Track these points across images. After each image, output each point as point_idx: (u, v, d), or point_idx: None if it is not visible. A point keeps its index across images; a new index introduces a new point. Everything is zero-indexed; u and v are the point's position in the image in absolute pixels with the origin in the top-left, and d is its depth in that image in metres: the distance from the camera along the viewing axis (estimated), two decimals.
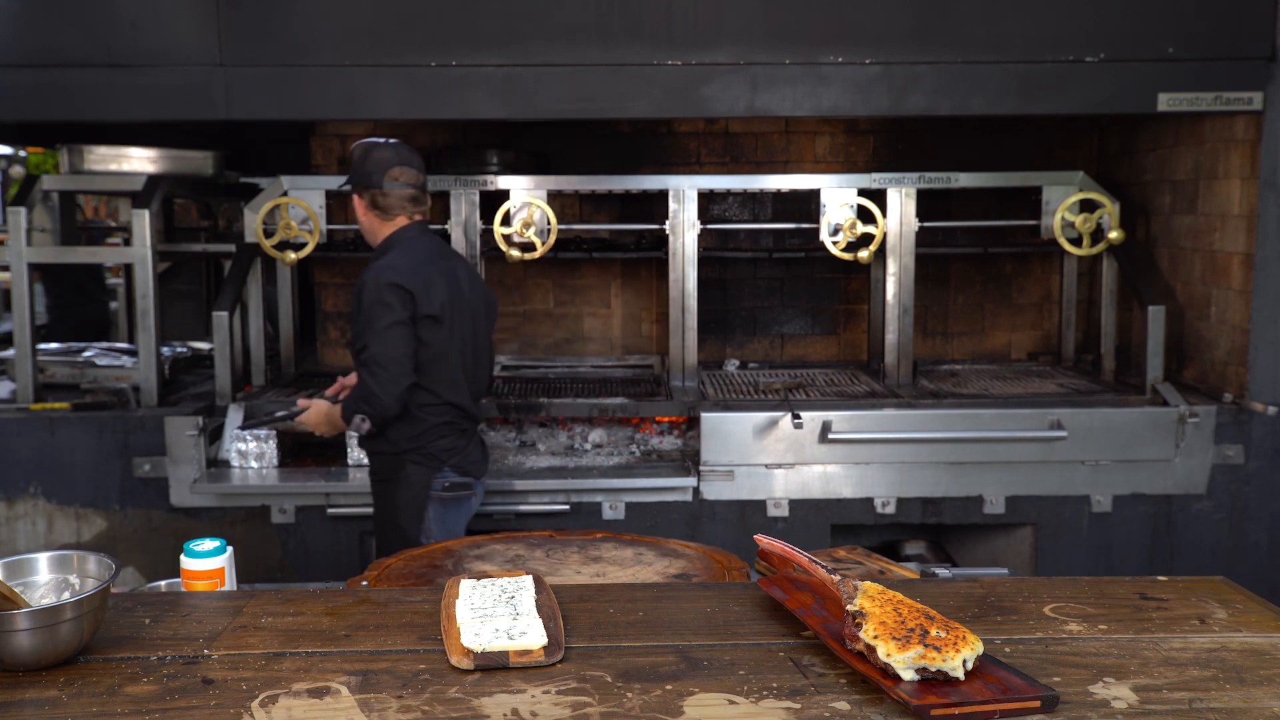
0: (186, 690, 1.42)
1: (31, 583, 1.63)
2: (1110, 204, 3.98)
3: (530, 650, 1.50)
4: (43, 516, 3.79)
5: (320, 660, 1.52)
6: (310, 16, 3.66)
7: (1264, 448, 3.76)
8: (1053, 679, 1.44)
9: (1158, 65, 3.68)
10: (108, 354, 4.41)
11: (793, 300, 4.95)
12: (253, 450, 3.67)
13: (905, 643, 1.39)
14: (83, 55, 3.63)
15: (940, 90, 3.70)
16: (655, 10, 3.64)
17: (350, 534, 3.71)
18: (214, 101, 3.66)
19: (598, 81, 3.66)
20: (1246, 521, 3.79)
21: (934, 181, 4.05)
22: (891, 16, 3.68)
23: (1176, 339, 4.20)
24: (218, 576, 1.92)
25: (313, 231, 3.96)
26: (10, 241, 3.91)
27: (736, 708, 1.37)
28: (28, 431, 3.78)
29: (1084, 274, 4.71)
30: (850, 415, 3.74)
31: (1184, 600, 1.74)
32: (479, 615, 1.61)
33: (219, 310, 3.91)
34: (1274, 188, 3.66)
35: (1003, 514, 3.77)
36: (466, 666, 1.47)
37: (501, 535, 2.39)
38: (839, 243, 3.99)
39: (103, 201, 8.74)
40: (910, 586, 1.83)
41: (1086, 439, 3.71)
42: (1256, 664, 1.50)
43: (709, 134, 4.82)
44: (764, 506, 3.73)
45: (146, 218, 3.93)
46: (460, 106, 3.70)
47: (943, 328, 4.99)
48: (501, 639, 1.52)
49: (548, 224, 3.94)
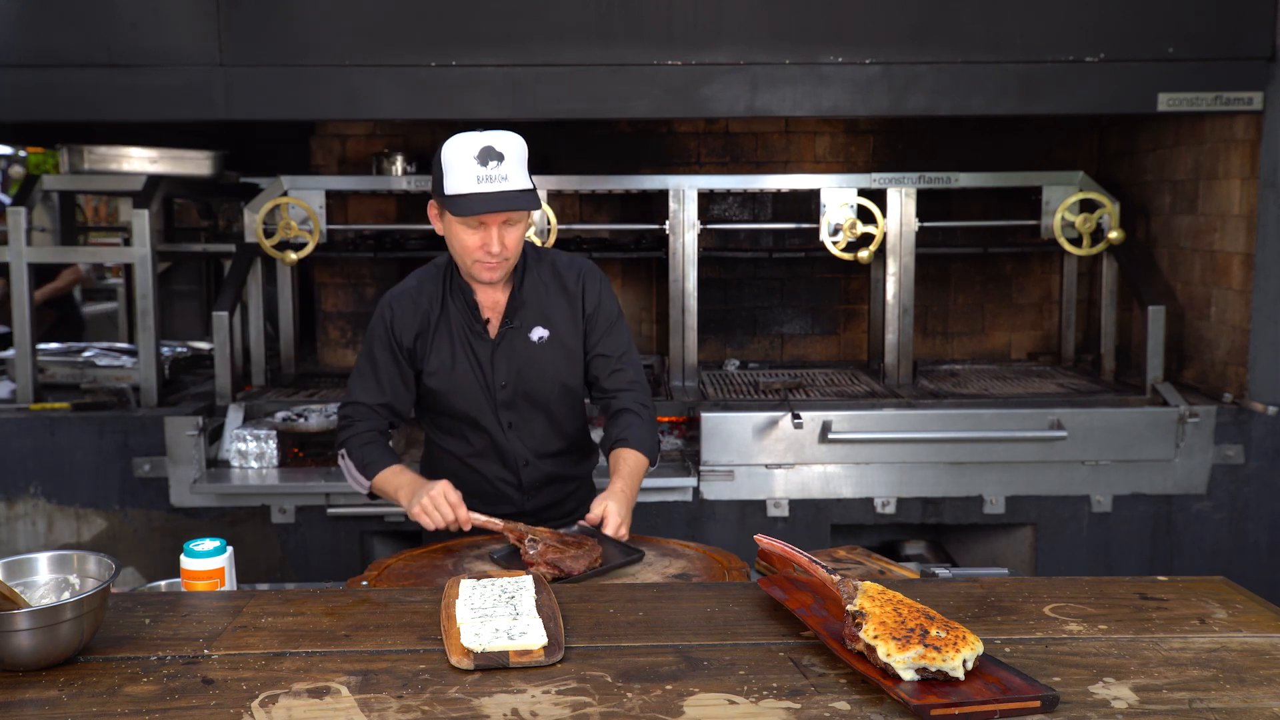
0: (186, 690, 1.42)
1: (31, 583, 1.63)
2: (1110, 204, 3.98)
3: (530, 650, 1.51)
4: (43, 516, 3.79)
5: (320, 660, 1.52)
6: (310, 16, 3.66)
7: (1264, 448, 3.76)
8: (1053, 679, 1.44)
9: (1158, 65, 3.68)
10: (108, 354, 4.41)
11: (793, 300, 4.95)
12: (253, 450, 3.66)
13: (905, 643, 1.39)
14: (83, 55, 3.63)
15: (940, 90, 3.70)
16: (655, 10, 3.64)
17: (350, 534, 3.71)
18: (214, 101, 3.66)
19: (598, 81, 3.66)
20: (1246, 521, 3.79)
21: (934, 181, 4.05)
22: (891, 16, 3.68)
23: (1176, 339, 4.20)
24: (218, 576, 1.92)
25: (313, 231, 3.96)
26: (10, 241, 3.91)
27: (736, 708, 1.37)
28: (28, 431, 3.78)
29: (1084, 274, 4.71)
30: (850, 415, 3.74)
31: (1184, 600, 1.74)
32: (479, 615, 1.61)
33: (219, 310, 3.91)
34: (1274, 188, 3.66)
35: (1003, 514, 3.77)
36: (466, 666, 1.48)
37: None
38: (839, 243, 3.99)
39: (103, 201, 8.75)
40: (910, 586, 1.84)
41: (1086, 439, 3.71)
42: (1256, 664, 1.50)
43: (709, 134, 4.82)
44: (764, 506, 3.73)
45: (146, 218, 3.93)
46: (460, 106, 3.70)
47: (943, 328, 4.99)
48: (501, 639, 1.52)
49: (548, 224, 3.94)
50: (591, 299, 2.39)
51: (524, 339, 2.36)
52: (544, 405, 2.41)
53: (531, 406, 2.40)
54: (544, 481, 2.46)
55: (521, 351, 2.36)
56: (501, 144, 2.18)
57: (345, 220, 4.66)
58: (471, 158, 2.16)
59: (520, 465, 2.43)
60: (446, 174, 2.20)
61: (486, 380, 2.37)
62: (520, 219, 2.25)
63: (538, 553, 2.06)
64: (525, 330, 2.36)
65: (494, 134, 2.20)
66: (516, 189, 2.18)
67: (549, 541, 2.09)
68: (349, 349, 4.90)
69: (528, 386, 2.38)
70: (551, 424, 2.44)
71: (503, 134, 2.21)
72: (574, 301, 2.39)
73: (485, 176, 2.16)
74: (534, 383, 2.38)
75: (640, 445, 2.36)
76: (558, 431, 2.45)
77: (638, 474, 2.34)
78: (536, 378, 2.37)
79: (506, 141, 2.19)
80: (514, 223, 2.23)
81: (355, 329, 4.89)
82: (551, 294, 2.38)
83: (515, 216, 2.22)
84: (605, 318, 2.40)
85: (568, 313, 2.38)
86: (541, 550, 2.06)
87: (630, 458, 2.34)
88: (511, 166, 2.18)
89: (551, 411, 2.42)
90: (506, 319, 2.35)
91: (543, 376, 2.37)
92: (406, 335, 2.37)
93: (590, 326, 2.40)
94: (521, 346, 2.36)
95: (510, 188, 2.17)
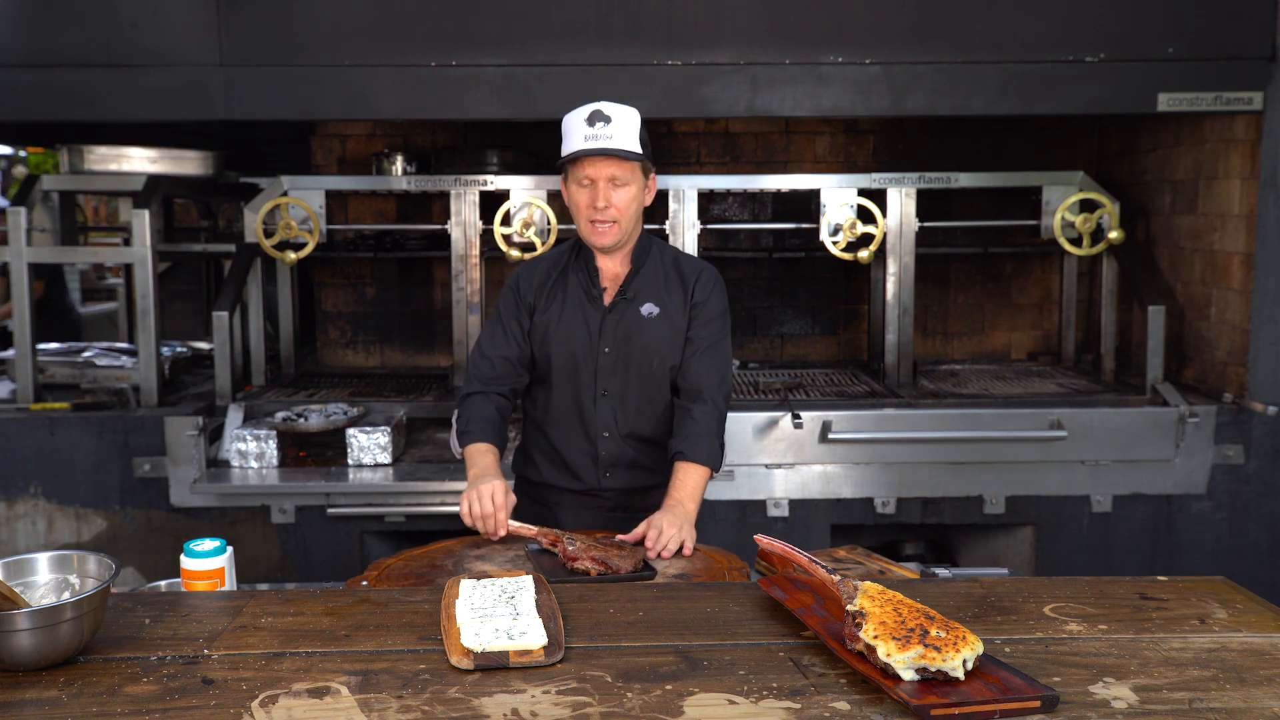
0: (186, 690, 1.42)
1: (31, 583, 1.63)
2: (1110, 204, 3.98)
3: (530, 650, 1.51)
4: (43, 516, 3.79)
5: (320, 660, 1.52)
6: (310, 16, 3.66)
7: (1264, 448, 3.76)
8: (1053, 679, 1.44)
9: (1158, 65, 3.68)
10: (108, 354, 4.41)
11: (793, 300, 4.95)
12: (253, 450, 3.66)
13: (905, 643, 1.39)
14: (82, 55, 3.63)
15: (940, 90, 3.70)
16: (655, 10, 3.64)
17: (350, 534, 3.71)
18: (214, 101, 3.66)
19: (598, 81, 3.66)
20: (1246, 521, 3.79)
21: (934, 181, 4.05)
22: (891, 16, 3.68)
23: (1176, 339, 4.20)
24: (218, 576, 1.92)
25: (313, 231, 3.96)
26: (10, 241, 3.91)
27: (736, 708, 1.37)
28: (28, 431, 3.78)
29: (1084, 274, 4.71)
30: (850, 415, 3.74)
31: (1184, 600, 1.74)
32: (479, 615, 1.61)
33: (219, 310, 3.91)
34: (1274, 188, 3.66)
35: (1003, 514, 3.77)
36: (466, 666, 1.48)
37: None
38: (839, 243, 3.99)
39: (103, 201, 8.75)
40: (910, 586, 1.84)
41: (1086, 439, 3.71)
42: (1256, 664, 1.50)
43: (709, 134, 4.82)
44: (764, 506, 3.73)
45: (146, 218, 3.93)
46: (460, 106, 3.70)
47: (943, 328, 4.99)
48: (501, 639, 1.52)
49: (548, 224, 3.94)
50: (702, 291, 2.47)
51: (635, 311, 2.45)
52: (642, 380, 2.46)
53: (629, 379, 2.46)
54: (622, 461, 2.49)
55: (631, 322, 2.44)
56: (610, 109, 2.32)
57: (345, 220, 4.67)
58: (581, 120, 2.32)
59: (600, 436, 2.47)
60: (564, 140, 2.35)
61: (592, 342, 2.45)
62: (628, 180, 2.35)
63: (579, 548, 2.06)
64: (638, 304, 2.45)
65: (605, 103, 2.34)
66: (621, 147, 2.30)
67: (589, 541, 2.10)
68: (349, 349, 4.90)
69: (631, 357, 2.44)
70: (643, 403, 2.48)
71: (615, 104, 2.34)
72: (687, 290, 2.47)
73: (592, 135, 2.30)
74: (637, 354, 2.44)
75: (697, 456, 2.37)
76: (648, 412, 2.48)
77: (694, 489, 2.36)
78: (641, 350, 2.44)
79: (615, 109, 2.33)
80: (621, 183, 2.34)
81: (355, 329, 4.89)
82: (669, 280, 2.48)
83: (622, 176, 2.34)
84: (709, 311, 2.47)
85: (680, 298, 2.47)
86: (583, 547, 2.07)
87: (686, 474, 2.36)
88: (618, 128, 2.31)
89: (647, 389, 2.47)
90: (621, 291, 2.45)
91: (647, 349, 2.44)
92: (529, 292, 2.49)
93: (694, 315, 2.47)
94: (632, 317, 2.44)
95: (615, 145, 2.30)
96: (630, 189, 2.36)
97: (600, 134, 2.30)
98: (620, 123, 2.32)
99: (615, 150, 2.30)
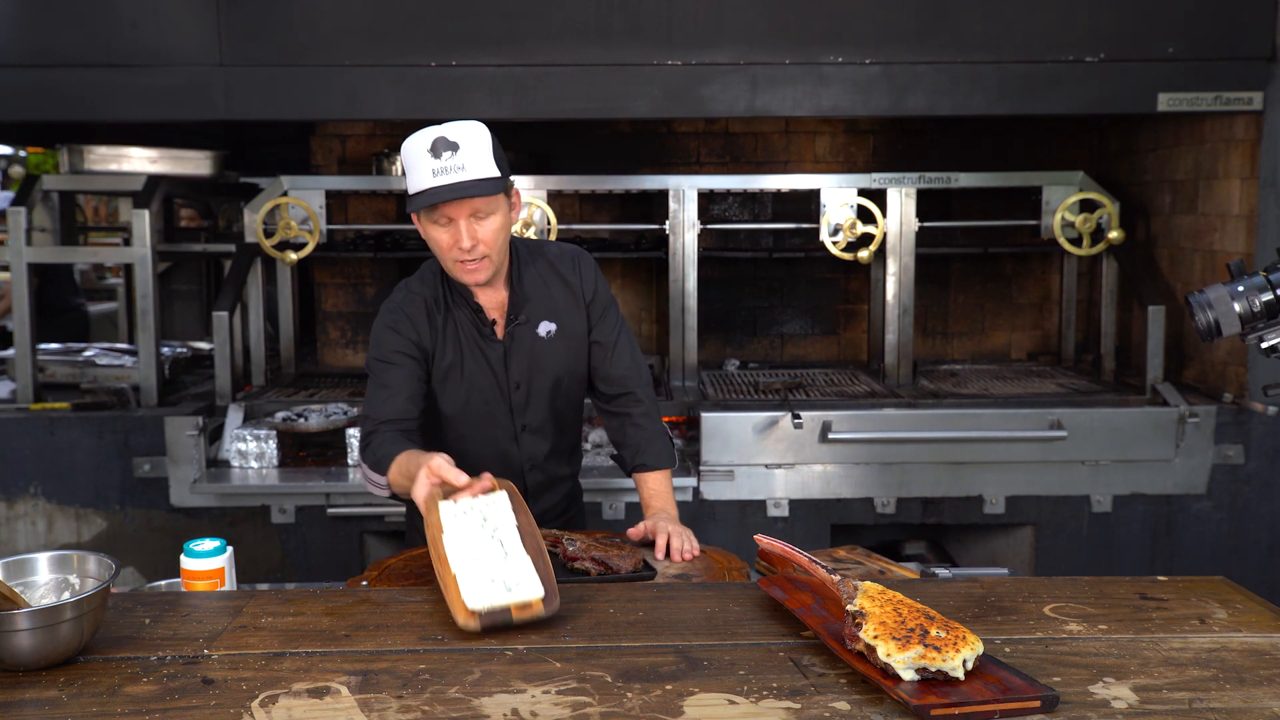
0: (186, 690, 1.42)
1: (31, 583, 1.63)
2: (1110, 204, 3.98)
3: (530, 603, 1.62)
4: (43, 516, 3.79)
5: (320, 660, 1.52)
6: (310, 17, 3.66)
7: (1264, 448, 3.76)
8: (1053, 679, 1.44)
9: (1158, 65, 3.68)
10: (108, 354, 4.41)
11: (793, 300, 4.95)
12: (253, 450, 3.66)
13: (905, 643, 1.39)
14: (82, 55, 3.63)
15: (940, 90, 3.70)
16: (655, 10, 3.64)
17: (350, 534, 3.71)
18: (214, 101, 3.65)
19: (598, 81, 3.66)
20: (1246, 521, 3.79)
21: (934, 181, 4.05)
22: (891, 16, 3.68)
23: (1176, 339, 4.20)
24: (218, 576, 1.92)
25: (313, 231, 3.96)
26: (10, 241, 3.91)
27: (736, 708, 1.37)
28: (28, 431, 3.78)
29: (1084, 274, 4.71)
30: (850, 415, 3.74)
31: (1184, 600, 1.74)
32: (471, 559, 1.68)
33: (219, 310, 3.91)
34: (1274, 188, 3.66)
35: (1003, 514, 3.77)
36: (474, 627, 1.58)
37: None
38: (839, 243, 3.99)
39: (103, 201, 8.75)
40: (910, 586, 1.84)
41: (1086, 439, 3.71)
42: (1256, 664, 1.50)
43: (709, 134, 4.82)
44: (764, 506, 3.73)
45: (146, 218, 3.93)
46: (460, 106, 3.69)
47: (943, 328, 4.99)
48: (499, 590, 1.62)
49: (548, 224, 3.94)
50: (589, 286, 2.31)
51: (533, 335, 2.27)
52: (555, 403, 2.34)
53: (544, 405, 2.33)
54: (545, 485, 2.41)
55: (532, 348, 2.28)
56: (455, 133, 2.04)
57: (345, 220, 4.66)
58: (425, 152, 2.03)
59: (526, 470, 2.36)
60: (408, 175, 2.08)
61: (500, 384, 2.27)
62: (491, 210, 2.09)
63: (579, 549, 2.04)
64: (533, 326, 2.27)
65: (449, 125, 2.06)
66: (475, 178, 2.03)
67: (589, 541, 2.10)
68: (349, 349, 4.90)
69: (544, 384, 2.30)
70: (557, 423, 2.37)
71: (459, 124, 2.07)
72: (574, 290, 2.30)
73: (440, 169, 2.02)
74: (549, 380, 2.30)
75: (660, 462, 2.34)
76: (561, 429, 2.39)
77: (668, 494, 2.34)
78: (552, 374, 2.30)
79: (461, 130, 2.05)
80: (483, 215, 2.08)
81: (355, 329, 4.89)
82: (552, 286, 2.29)
83: (483, 208, 2.07)
84: (600, 302, 2.33)
85: (570, 302, 2.30)
86: (583, 547, 2.05)
87: (658, 483, 2.33)
88: (468, 155, 2.03)
89: (561, 409, 2.36)
90: (511, 317, 2.25)
91: (557, 371, 2.30)
92: (423, 337, 2.24)
93: (590, 313, 2.32)
94: (531, 343, 2.27)
95: (467, 177, 2.03)
96: (495, 218, 2.09)
97: (449, 165, 2.02)
98: (469, 148, 2.03)
99: (471, 186, 2.02)
